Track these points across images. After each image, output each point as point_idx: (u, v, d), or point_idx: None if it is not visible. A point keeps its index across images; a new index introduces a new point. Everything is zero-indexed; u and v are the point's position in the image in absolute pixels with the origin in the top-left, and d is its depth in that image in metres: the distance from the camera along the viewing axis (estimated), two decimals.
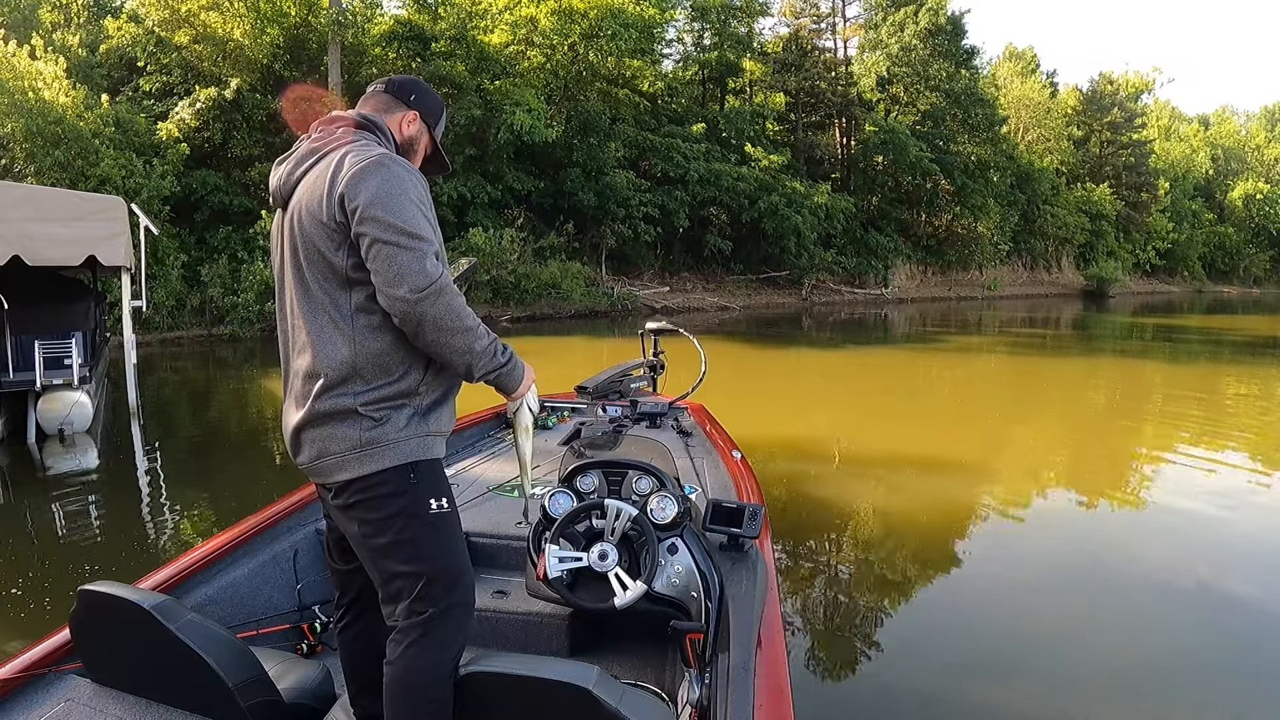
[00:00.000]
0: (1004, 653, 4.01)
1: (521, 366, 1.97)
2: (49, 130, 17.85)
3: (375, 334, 1.83)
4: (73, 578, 4.74)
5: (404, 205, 1.76)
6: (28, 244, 7.79)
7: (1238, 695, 3.64)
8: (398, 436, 1.84)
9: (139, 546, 5.42)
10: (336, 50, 23.58)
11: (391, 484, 1.84)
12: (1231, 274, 62.31)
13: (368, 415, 1.83)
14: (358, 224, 1.75)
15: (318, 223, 1.81)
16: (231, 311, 18.65)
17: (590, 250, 27.91)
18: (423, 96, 2.10)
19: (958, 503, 6.54)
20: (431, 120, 2.12)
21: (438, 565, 1.86)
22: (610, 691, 1.76)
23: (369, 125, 1.98)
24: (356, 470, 1.84)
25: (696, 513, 2.79)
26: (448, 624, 1.86)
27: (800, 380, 14.31)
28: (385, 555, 1.87)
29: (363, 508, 1.86)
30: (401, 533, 1.85)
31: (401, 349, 1.85)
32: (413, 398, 1.88)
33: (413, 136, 2.08)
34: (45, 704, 2.01)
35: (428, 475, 1.89)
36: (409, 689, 1.85)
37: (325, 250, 1.81)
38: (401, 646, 1.85)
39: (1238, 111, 76.11)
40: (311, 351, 1.86)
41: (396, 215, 1.74)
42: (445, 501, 1.91)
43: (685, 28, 35.70)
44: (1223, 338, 23.34)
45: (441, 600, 1.85)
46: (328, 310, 1.84)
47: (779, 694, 2.00)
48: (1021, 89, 48.29)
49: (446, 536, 1.90)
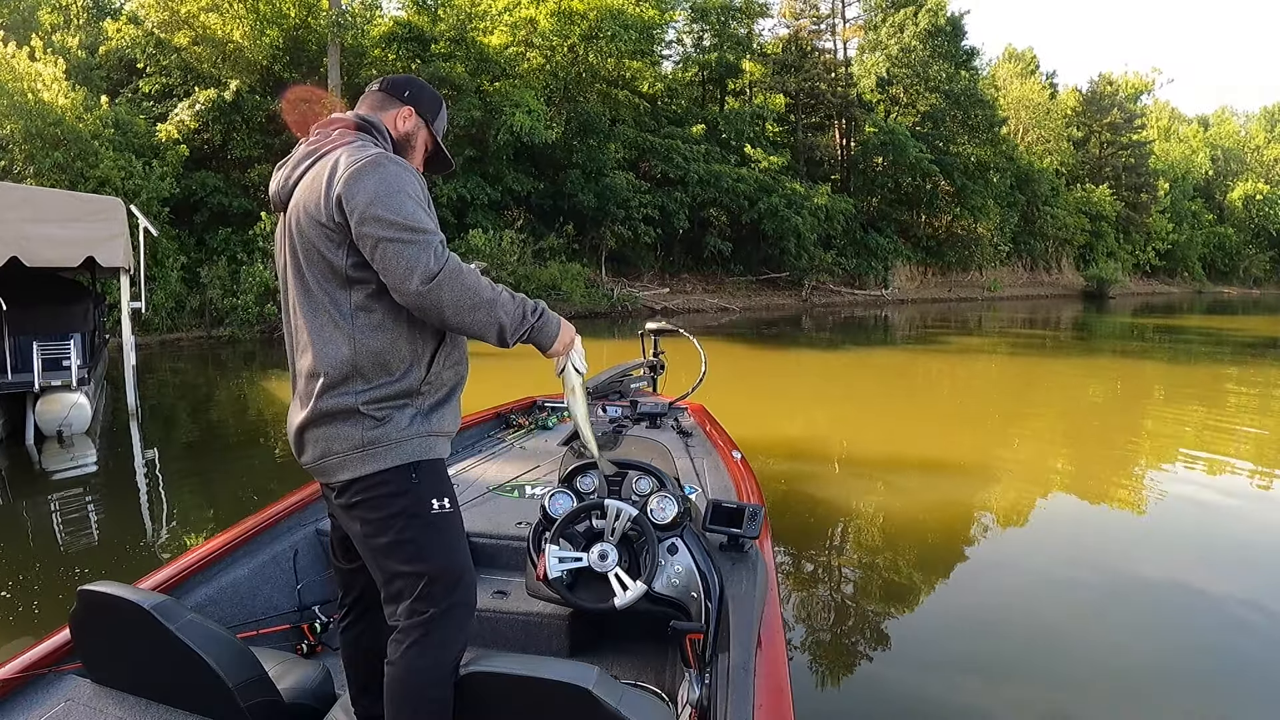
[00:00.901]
0: (1004, 653, 4.01)
1: (556, 321, 1.97)
2: (48, 132, 17.84)
3: (375, 333, 1.83)
4: (71, 579, 4.74)
5: (403, 202, 1.76)
6: (25, 245, 7.78)
7: (1239, 695, 3.63)
8: (400, 436, 1.84)
9: (137, 548, 5.42)
10: (336, 52, 23.59)
11: (393, 484, 1.84)
12: (1231, 274, 62.34)
13: (370, 415, 1.83)
14: (359, 225, 1.75)
15: (316, 224, 1.81)
16: (231, 313, 18.65)
17: (590, 251, 27.92)
18: (418, 92, 2.09)
19: (958, 503, 6.53)
20: (428, 115, 2.10)
21: (439, 565, 1.86)
22: (610, 691, 1.76)
23: (365, 126, 1.98)
24: (358, 470, 1.84)
25: (696, 513, 2.79)
26: (449, 624, 1.86)
27: (800, 381, 14.31)
28: (387, 555, 1.87)
29: (365, 507, 1.86)
30: (403, 532, 1.84)
31: (402, 348, 1.85)
32: (415, 397, 1.87)
33: (408, 132, 2.07)
34: (45, 704, 2.01)
35: (430, 475, 1.88)
36: (410, 689, 1.84)
37: (324, 250, 1.82)
38: (403, 646, 1.84)
39: (1237, 112, 76.39)
40: (313, 351, 1.87)
41: (396, 212, 1.74)
42: (448, 501, 1.90)
43: (685, 29, 35.74)
44: (1223, 338, 23.33)
45: (443, 600, 1.85)
46: (328, 310, 1.85)
47: (779, 694, 2.00)
48: (1021, 90, 48.30)
49: (449, 536, 1.90)
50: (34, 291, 9.15)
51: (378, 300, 1.82)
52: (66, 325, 9.20)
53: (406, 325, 1.84)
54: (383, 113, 2.05)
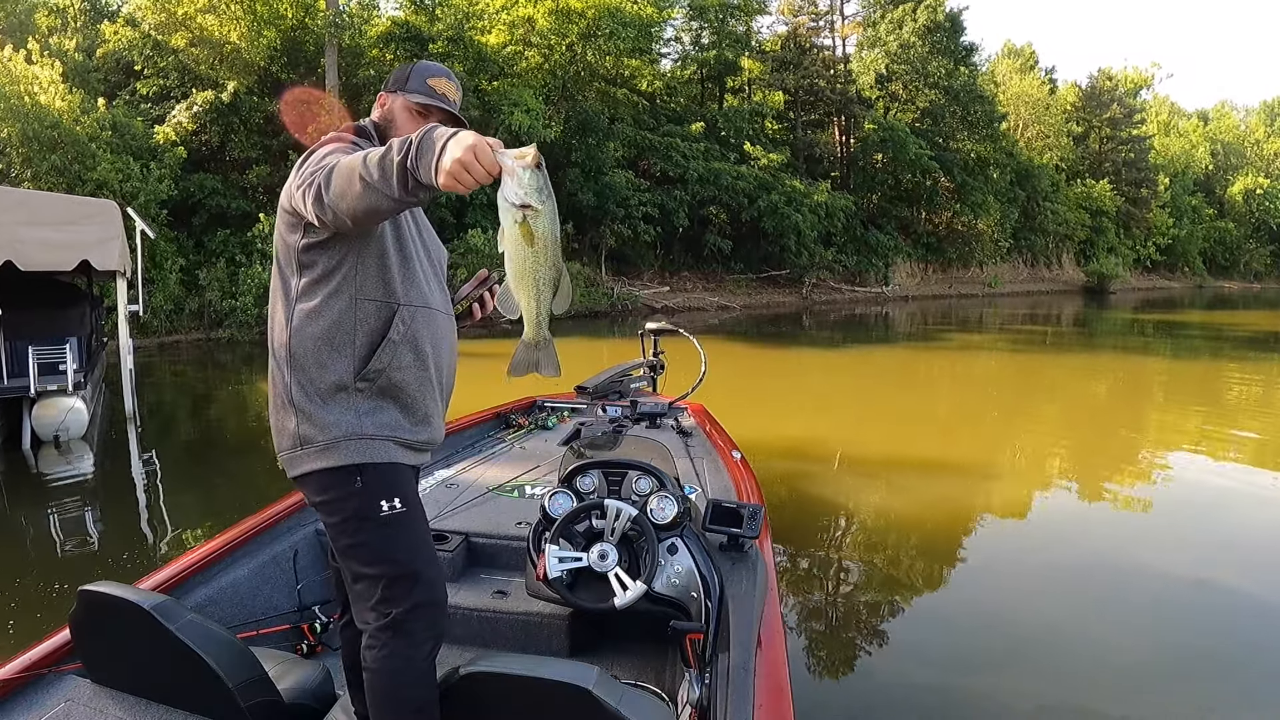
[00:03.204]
0: (1004, 651, 4.00)
1: (442, 135, 1.48)
2: (45, 135, 17.83)
3: (310, 319, 1.84)
4: (68, 586, 4.73)
5: (310, 159, 1.78)
6: (19, 248, 7.76)
7: (1241, 692, 3.62)
8: (332, 436, 1.83)
9: (135, 553, 5.40)
10: (333, 52, 23.56)
11: (339, 487, 1.84)
12: (1232, 269, 62.30)
13: (300, 407, 1.85)
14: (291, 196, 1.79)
15: (281, 210, 1.87)
16: (230, 315, 18.64)
17: (590, 250, 27.89)
18: (391, 75, 2.08)
19: (958, 502, 6.52)
20: (395, 85, 2.02)
21: (397, 566, 1.85)
22: (610, 691, 1.76)
23: (360, 132, 2.01)
24: (300, 467, 1.87)
25: (696, 513, 2.79)
26: (415, 623, 1.85)
27: (801, 380, 14.29)
28: (347, 557, 1.89)
29: (323, 509, 1.90)
30: (357, 535, 1.85)
31: (335, 337, 1.84)
32: (347, 393, 1.86)
33: (384, 114, 2.04)
34: (45, 704, 2.01)
35: (376, 479, 1.85)
36: (385, 691, 1.85)
37: (284, 233, 1.87)
38: (374, 650, 1.85)
39: (1237, 106, 76.26)
40: (269, 334, 1.94)
41: (304, 166, 1.76)
42: (398, 502, 1.87)
43: (683, 26, 35.69)
44: (1224, 333, 23.33)
45: (405, 600, 1.84)
46: (280, 293, 1.90)
47: (779, 694, 2.00)
48: (1020, 85, 48.23)
49: (404, 536, 1.87)
50: (29, 295, 9.12)
51: (319, 286, 1.84)
52: (63, 329, 9.16)
53: (340, 315, 1.83)
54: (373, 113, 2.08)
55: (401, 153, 1.49)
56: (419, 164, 1.47)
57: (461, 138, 1.46)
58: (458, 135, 1.47)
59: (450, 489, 3.69)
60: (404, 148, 1.49)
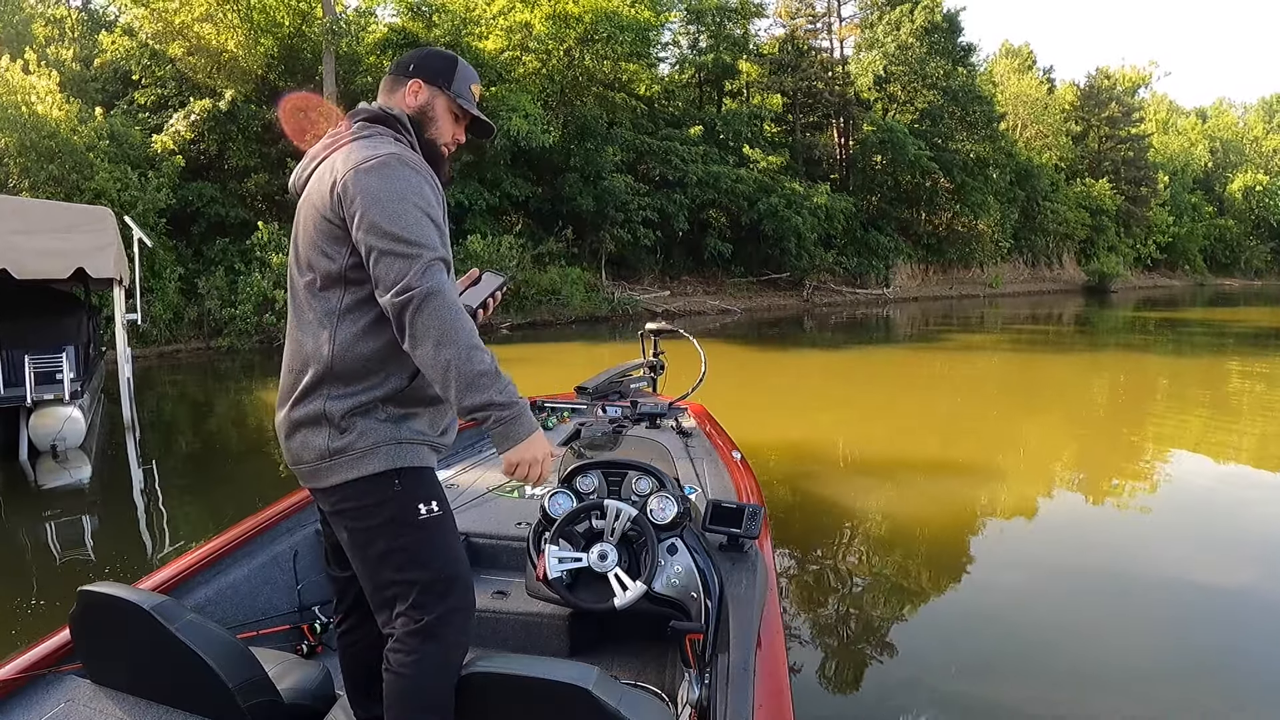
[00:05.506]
0: (1005, 651, 3.98)
1: (529, 426, 1.73)
2: (43, 144, 17.84)
3: (360, 338, 1.79)
4: (65, 595, 4.70)
5: (404, 210, 1.71)
6: (14, 257, 7.73)
7: (1250, 692, 3.59)
8: (369, 444, 1.80)
9: (133, 563, 5.38)
10: (331, 59, 23.59)
11: (375, 493, 1.81)
12: (1232, 267, 62.32)
13: (337, 423, 1.80)
14: (357, 229, 1.72)
15: (321, 219, 1.79)
16: (229, 324, 18.63)
17: (590, 255, 27.89)
18: (423, 61, 1.98)
19: (959, 502, 6.50)
20: (440, 80, 1.96)
21: (434, 570, 1.83)
22: (610, 692, 1.75)
23: (383, 118, 1.91)
24: (332, 478, 1.81)
25: (696, 513, 2.79)
26: (448, 630, 1.83)
27: (802, 381, 14.28)
28: (379, 564, 1.84)
29: (349, 516, 1.84)
30: (394, 540, 1.81)
31: (385, 357, 1.80)
32: (388, 405, 1.83)
33: (421, 106, 1.96)
34: (45, 704, 2.00)
35: (413, 481, 1.84)
36: (411, 697, 1.82)
37: (325, 247, 1.79)
38: (401, 654, 1.81)
39: (1235, 103, 76.02)
40: (296, 347, 1.86)
41: (394, 221, 1.69)
42: (436, 505, 1.86)
43: (681, 30, 35.75)
44: (1226, 330, 23.31)
45: (438, 606, 1.82)
46: (315, 308, 1.83)
47: (779, 694, 1.99)
48: (1019, 85, 48.32)
49: (440, 539, 1.86)
50: (25, 304, 9.10)
51: (369, 305, 1.78)
52: (59, 338, 9.10)
53: (394, 336, 1.77)
54: (393, 96, 1.97)
55: (502, 398, 1.70)
56: (504, 430, 1.72)
57: (540, 440, 1.75)
58: (539, 436, 1.75)
59: (450, 489, 3.68)
60: (501, 396, 1.69)
